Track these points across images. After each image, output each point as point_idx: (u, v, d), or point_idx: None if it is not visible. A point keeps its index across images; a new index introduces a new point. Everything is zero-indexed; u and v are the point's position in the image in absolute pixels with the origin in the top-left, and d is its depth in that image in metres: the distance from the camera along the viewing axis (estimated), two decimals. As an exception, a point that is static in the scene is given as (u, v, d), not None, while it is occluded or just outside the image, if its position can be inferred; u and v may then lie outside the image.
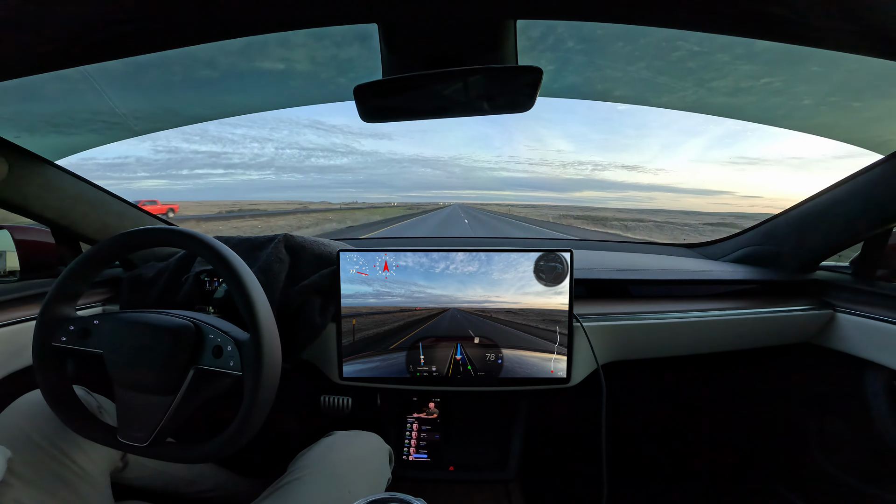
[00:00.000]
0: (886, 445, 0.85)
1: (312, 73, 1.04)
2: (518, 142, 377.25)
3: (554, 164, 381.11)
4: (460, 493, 0.97)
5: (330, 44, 0.90)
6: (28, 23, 0.40)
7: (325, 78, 1.07)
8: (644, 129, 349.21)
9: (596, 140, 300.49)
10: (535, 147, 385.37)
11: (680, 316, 0.92)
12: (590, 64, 1.01)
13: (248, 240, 0.93)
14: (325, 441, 0.72)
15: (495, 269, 0.85)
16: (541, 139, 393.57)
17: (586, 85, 1.14)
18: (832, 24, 0.41)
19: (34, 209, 0.85)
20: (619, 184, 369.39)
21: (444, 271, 0.85)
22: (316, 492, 0.61)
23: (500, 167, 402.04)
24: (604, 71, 1.05)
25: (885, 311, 0.85)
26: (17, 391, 0.67)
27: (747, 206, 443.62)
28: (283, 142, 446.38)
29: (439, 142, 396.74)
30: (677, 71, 1.00)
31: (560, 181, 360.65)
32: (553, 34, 0.87)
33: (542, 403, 1.10)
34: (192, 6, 0.41)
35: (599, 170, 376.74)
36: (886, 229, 0.87)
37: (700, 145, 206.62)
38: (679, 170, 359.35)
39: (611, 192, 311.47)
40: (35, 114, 1.02)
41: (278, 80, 1.13)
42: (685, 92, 1.09)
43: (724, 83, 1.01)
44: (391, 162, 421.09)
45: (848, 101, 0.94)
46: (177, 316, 0.59)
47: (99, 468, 0.65)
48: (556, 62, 0.98)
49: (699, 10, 0.42)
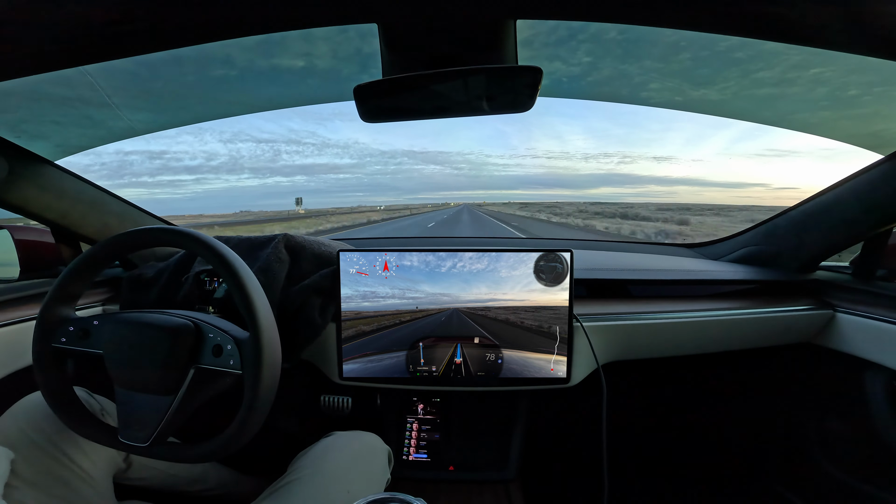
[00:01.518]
0: (886, 445, 0.85)
1: (332, 69, 1.03)
2: (537, 139, 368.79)
3: (576, 156, 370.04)
4: (460, 493, 0.97)
5: (354, 35, 0.88)
6: (28, 23, 0.40)
7: (345, 76, 1.05)
8: (670, 123, 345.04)
9: (618, 135, 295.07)
10: (553, 143, 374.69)
11: (680, 316, 0.92)
12: (627, 55, 0.99)
13: (248, 240, 0.93)
14: (324, 441, 0.72)
15: (495, 269, 0.85)
16: (560, 136, 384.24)
17: (616, 83, 1.12)
18: (832, 24, 0.41)
19: (34, 209, 0.85)
20: (640, 178, 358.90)
21: (445, 271, 0.85)
22: (315, 492, 0.61)
23: (515, 163, 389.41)
24: (642, 62, 1.02)
25: (885, 311, 0.85)
26: (17, 391, 0.67)
27: (773, 200, 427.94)
28: (281, 139, 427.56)
29: (451, 142, 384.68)
30: (721, 62, 0.98)
31: (578, 178, 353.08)
32: (589, 29, 0.86)
33: (543, 403, 1.10)
34: (192, 6, 0.41)
35: (626, 162, 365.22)
36: (886, 229, 0.87)
37: (728, 138, 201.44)
38: (707, 162, 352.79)
39: (630, 187, 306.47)
40: (35, 114, 1.02)
41: (283, 78, 1.12)
42: (727, 83, 1.06)
43: (771, 74, 0.99)
44: (397, 161, 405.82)
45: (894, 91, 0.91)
46: (176, 315, 0.59)
47: (100, 469, 0.65)
48: (592, 55, 0.97)
49: (699, 10, 0.42)
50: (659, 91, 1.18)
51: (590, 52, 0.98)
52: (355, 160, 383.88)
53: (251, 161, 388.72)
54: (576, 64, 1.03)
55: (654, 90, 1.18)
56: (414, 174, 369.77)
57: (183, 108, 1.26)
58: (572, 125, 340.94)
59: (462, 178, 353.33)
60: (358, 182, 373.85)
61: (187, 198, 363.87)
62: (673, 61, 1.02)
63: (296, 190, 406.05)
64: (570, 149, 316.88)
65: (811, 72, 0.93)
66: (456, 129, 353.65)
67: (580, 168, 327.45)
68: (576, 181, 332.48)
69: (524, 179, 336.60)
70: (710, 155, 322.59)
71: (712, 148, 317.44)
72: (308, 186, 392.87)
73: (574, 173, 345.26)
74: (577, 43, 0.94)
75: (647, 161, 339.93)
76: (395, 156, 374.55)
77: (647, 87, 1.16)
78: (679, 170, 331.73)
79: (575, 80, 1.11)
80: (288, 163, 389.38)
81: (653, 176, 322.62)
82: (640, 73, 1.08)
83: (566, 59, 1.00)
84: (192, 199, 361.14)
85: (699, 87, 1.14)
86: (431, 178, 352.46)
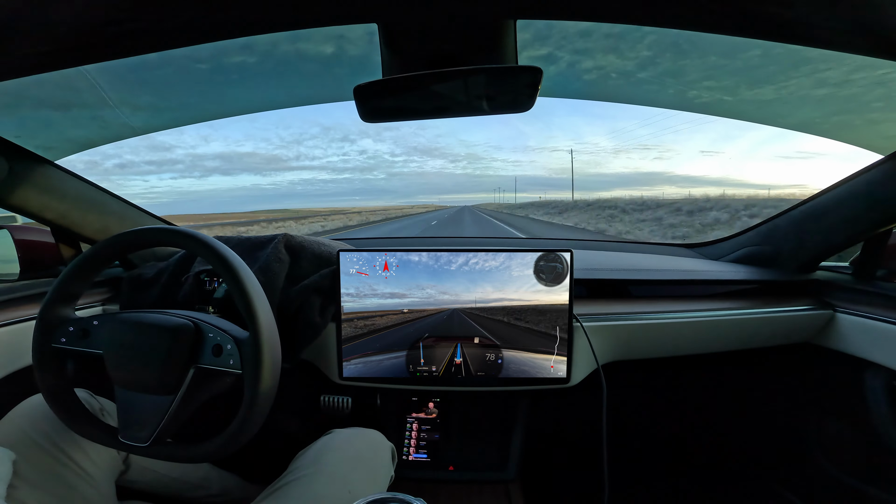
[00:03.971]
0: (886, 446, 0.85)
1: (332, 69, 1.01)
2: (558, 138, 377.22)
3: (600, 153, 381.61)
4: (460, 493, 0.97)
5: (354, 35, 0.86)
6: (28, 23, 0.40)
7: (344, 76, 1.04)
8: (695, 123, 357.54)
9: (641, 136, 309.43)
10: (573, 141, 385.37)
11: (680, 316, 0.92)
12: (690, 50, 0.95)
13: (248, 240, 0.93)
14: (323, 439, 0.71)
15: (495, 269, 0.85)
16: (580, 134, 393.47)
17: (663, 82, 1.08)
18: (832, 24, 0.41)
19: (34, 209, 0.85)
20: (653, 176, 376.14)
21: (445, 271, 0.85)
22: (314, 492, 0.60)
23: (529, 161, 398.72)
24: (706, 58, 0.98)
25: (885, 311, 0.85)
26: (17, 391, 0.67)
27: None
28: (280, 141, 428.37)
29: (461, 143, 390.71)
30: (791, 59, 0.93)
31: (587, 180, 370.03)
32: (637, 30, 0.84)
33: (543, 403, 1.10)
34: (192, 6, 0.41)
35: (653, 159, 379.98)
36: (886, 229, 0.87)
37: (756, 139, 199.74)
38: (734, 163, 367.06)
39: (644, 188, 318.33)
40: (35, 113, 1.02)
41: (283, 78, 1.11)
42: (787, 82, 1.02)
43: (836, 73, 0.94)
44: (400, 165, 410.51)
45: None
46: (176, 315, 0.59)
47: (102, 470, 0.65)
48: (649, 50, 0.94)
49: (700, 10, 0.42)
50: (710, 90, 1.11)
51: (652, 45, 0.94)
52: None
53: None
54: (633, 58, 1.00)
55: (705, 88, 1.10)
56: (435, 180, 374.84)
57: (182, 108, 1.26)
58: (595, 125, 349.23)
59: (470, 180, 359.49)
60: (351, 187, 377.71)
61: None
62: (739, 58, 0.97)
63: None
64: (590, 148, 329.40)
65: (877, 73, 0.89)
66: (469, 129, 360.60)
67: (598, 163, 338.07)
68: (588, 184, 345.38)
69: (534, 180, 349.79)
70: (737, 155, 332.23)
71: (739, 148, 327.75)
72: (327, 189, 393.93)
73: (584, 176, 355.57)
74: (641, 35, 0.91)
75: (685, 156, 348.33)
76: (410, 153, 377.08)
77: (700, 84, 1.08)
78: (700, 170, 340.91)
79: (625, 75, 1.08)
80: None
81: (676, 175, 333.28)
82: (697, 70, 1.02)
83: (623, 53, 0.97)
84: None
85: (755, 86, 1.07)
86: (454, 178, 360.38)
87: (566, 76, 1.10)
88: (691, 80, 1.08)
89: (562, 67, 1.04)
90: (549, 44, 0.95)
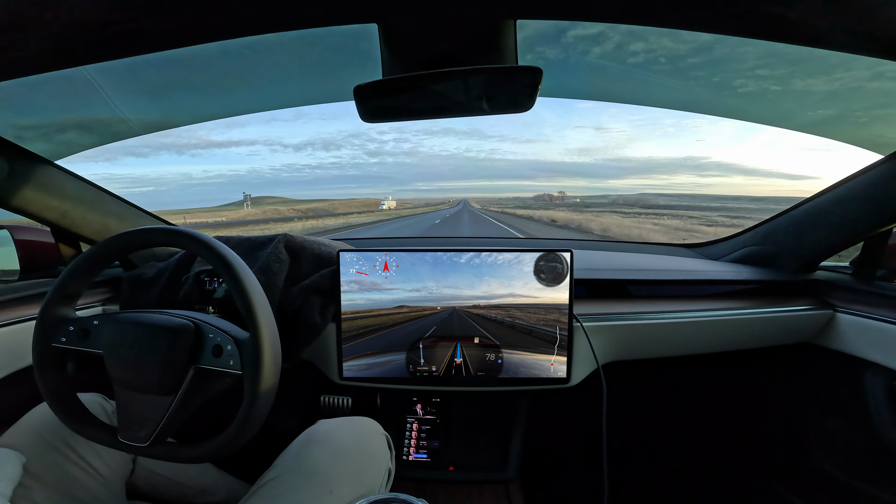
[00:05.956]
0: (886, 446, 0.85)
1: (332, 69, 1.00)
2: (584, 127, 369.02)
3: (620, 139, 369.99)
4: (460, 493, 0.97)
5: (354, 35, 0.84)
6: (28, 23, 0.40)
7: (344, 75, 1.03)
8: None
9: (665, 126, 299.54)
10: (596, 133, 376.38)
11: (680, 316, 0.92)
12: (724, 52, 0.91)
13: (248, 240, 0.93)
14: (307, 432, 0.66)
15: (495, 269, 0.85)
16: (602, 126, 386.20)
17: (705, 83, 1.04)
18: (832, 24, 0.41)
19: (34, 209, 0.85)
20: (672, 164, 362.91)
21: (445, 271, 0.85)
22: (290, 494, 0.56)
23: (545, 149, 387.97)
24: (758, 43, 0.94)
25: (885, 311, 0.85)
26: (17, 391, 0.67)
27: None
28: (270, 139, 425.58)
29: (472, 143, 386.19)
30: (840, 57, 0.92)
31: (605, 168, 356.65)
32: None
33: (543, 404, 1.10)
34: (192, 6, 0.42)
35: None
36: (886, 229, 0.87)
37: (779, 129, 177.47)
38: (754, 153, 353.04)
39: (660, 177, 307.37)
40: (35, 113, 1.02)
41: (283, 78, 1.11)
42: (845, 74, 0.98)
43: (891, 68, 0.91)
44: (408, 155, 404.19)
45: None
46: (176, 315, 0.59)
47: (113, 471, 0.65)
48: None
49: (700, 9, 0.42)
50: (761, 80, 1.06)
51: (696, 35, 0.87)
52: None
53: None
54: (686, 42, 0.94)
55: (757, 77, 1.03)
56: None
57: (182, 108, 1.25)
58: (617, 119, 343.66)
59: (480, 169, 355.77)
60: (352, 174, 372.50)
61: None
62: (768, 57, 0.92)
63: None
64: (612, 138, 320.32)
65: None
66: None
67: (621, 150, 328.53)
68: (607, 172, 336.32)
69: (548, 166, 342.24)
70: (757, 146, 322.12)
71: (761, 139, 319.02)
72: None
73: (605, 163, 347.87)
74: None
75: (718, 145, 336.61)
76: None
77: (753, 72, 1.02)
78: (727, 157, 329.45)
79: (674, 60, 1.01)
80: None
81: (697, 162, 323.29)
82: (749, 56, 0.95)
83: (677, 36, 0.90)
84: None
85: (808, 77, 1.03)
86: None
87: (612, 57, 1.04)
88: (737, 71, 1.04)
89: (608, 48, 0.99)
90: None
